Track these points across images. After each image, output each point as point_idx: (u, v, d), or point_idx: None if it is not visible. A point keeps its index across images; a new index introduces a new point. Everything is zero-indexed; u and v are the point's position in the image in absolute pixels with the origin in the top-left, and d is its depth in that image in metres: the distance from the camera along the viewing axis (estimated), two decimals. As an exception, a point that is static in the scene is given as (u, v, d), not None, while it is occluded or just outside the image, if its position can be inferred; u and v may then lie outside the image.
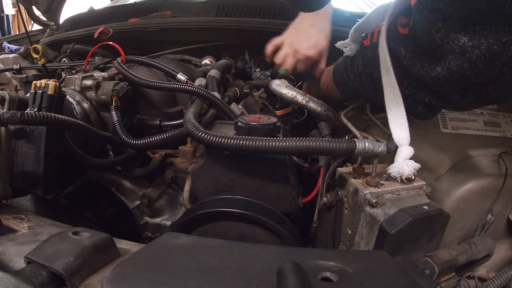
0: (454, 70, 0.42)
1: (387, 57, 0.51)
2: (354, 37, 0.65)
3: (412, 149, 0.52)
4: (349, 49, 0.66)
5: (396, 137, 0.52)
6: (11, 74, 1.17)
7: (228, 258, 0.36)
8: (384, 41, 0.52)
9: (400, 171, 0.52)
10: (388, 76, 0.51)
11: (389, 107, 0.52)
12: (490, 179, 0.62)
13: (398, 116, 0.52)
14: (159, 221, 0.79)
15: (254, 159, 0.57)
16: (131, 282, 0.32)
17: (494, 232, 0.65)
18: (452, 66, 0.42)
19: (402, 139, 0.52)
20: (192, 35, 1.02)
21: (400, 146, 0.52)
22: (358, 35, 0.64)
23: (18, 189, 0.60)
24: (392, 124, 0.52)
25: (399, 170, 0.52)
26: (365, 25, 0.61)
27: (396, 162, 0.52)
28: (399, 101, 0.51)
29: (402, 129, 0.52)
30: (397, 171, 0.52)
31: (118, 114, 0.73)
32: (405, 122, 0.52)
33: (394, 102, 0.52)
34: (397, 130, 0.52)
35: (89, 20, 1.29)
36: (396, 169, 0.52)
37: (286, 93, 0.74)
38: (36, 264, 0.35)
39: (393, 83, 0.51)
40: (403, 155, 0.52)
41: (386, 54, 0.51)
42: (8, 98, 0.57)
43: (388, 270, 0.36)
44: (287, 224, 0.58)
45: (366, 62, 0.59)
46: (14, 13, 4.78)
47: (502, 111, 0.75)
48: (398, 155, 0.53)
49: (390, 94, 0.52)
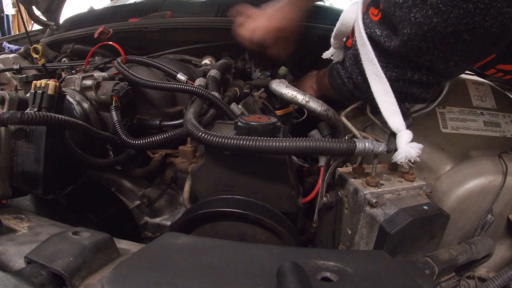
0: (422, 22, 0.45)
1: (368, 47, 0.52)
2: (335, 43, 0.65)
3: (411, 132, 0.52)
4: (336, 56, 0.67)
5: (393, 125, 0.53)
6: (11, 74, 1.17)
7: (228, 258, 0.36)
8: (362, 31, 0.53)
9: (407, 155, 0.50)
10: (372, 66, 0.52)
11: (379, 97, 0.53)
12: (490, 179, 0.62)
13: (389, 104, 0.52)
14: (159, 221, 0.79)
15: (254, 159, 0.57)
16: (131, 282, 0.32)
17: (494, 232, 0.65)
18: (418, 19, 0.45)
19: (399, 124, 0.52)
20: (192, 35, 1.02)
21: (398, 132, 0.52)
22: (339, 41, 0.64)
23: (18, 189, 0.60)
24: (385, 113, 0.53)
25: (406, 155, 0.50)
26: (343, 28, 0.61)
27: (401, 148, 0.51)
28: (387, 89, 0.52)
29: (396, 115, 0.52)
30: (404, 156, 0.51)
31: (118, 114, 0.73)
32: (397, 108, 0.52)
33: (382, 91, 0.52)
34: (392, 118, 0.52)
35: (89, 20, 1.28)
36: (403, 154, 0.51)
37: (286, 93, 0.74)
38: (36, 264, 0.35)
39: (378, 72, 0.52)
40: (404, 139, 0.52)
41: (366, 44, 0.52)
42: (8, 98, 0.57)
43: (388, 270, 0.36)
44: (287, 224, 0.58)
45: (353, 60, 0.60)
46: (14, 13, 4.79)
47: (502, 111, 0.75)
48: (400, 140, 0.52)
49: (377, 84, 0.53)
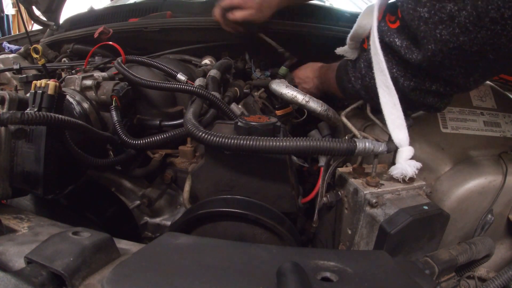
0: (448, 40, 0.43)
1: (381, 57, 0.51)
2: (351, 44, 0.64)
3: (413, 149, 0.52)
4: (350, 54, 0.66)
5: (396, 139, 0.52)
6: (11, 74, 1.17)
7: (228, 258, 0.36)
8: (376, 41, 0.51)
9: (403, 172, 0.52)
10: (383, 76, 0.51)
11: (386, 109, 0.52)
12: (490, 179, 0.62)
13: (395, 117, 0.52)
14: (159, 221, 0.79)
15: (254, 159, 0.57)
16: (131, 282, 0.32)
17: (494, 232, 0.65)
18: (444, 36, 0.43)
19: (402, 140, 0.52)
20: (192, 35, 1.02)
21: (400, 147, 0.52)
22: (355, 42, 0.64)
23: (18, 189, 0.60)
24: (390, 126, 0.52)
25: (402, 171, 0.52)
26: (360, 31, 0.61)
27: (398, 164, 0.53)
28: (395, 102, 0.51)
29: (401, 129, 0.52)
30: (400, 172, 0.52)
31: (118, 114, 0.73)
32: (403, 123, 0.52)
33: (391, 103, 0.52)
34: (396, 131, 0.52)
35: (89, 20, 1.28)
36: (399, 170, 0.52)
37: (286, 93, 0.74)
38: (36, 264, 0.35)
39: (388, 84, 0.51)
40: (404, 156, 0.52)
41: (379, 53, 0.51)
42: (8, 98, 0.57)
43: (388, 270, 0.36)
44: (287, 224, 0.58)
45: (368, 63, 0.59)
46: (14, 13, 4.79)
47: (502, 111, 0.75)
48: (400, 156, 0.53)
49: (386, 95, 0.52)
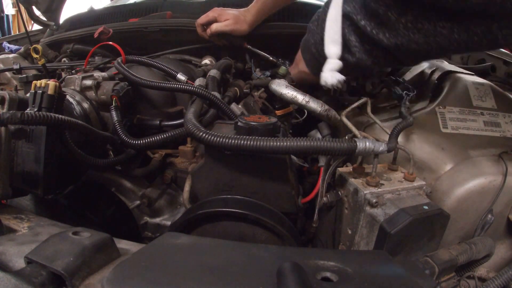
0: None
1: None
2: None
3: (341, 62, 0.58)
4: None
5: (328, 51, 0.58)
6: (11, 74, 1.17)
7: (228, 258, 0.36)
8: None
9: (326, 81, 0.57)
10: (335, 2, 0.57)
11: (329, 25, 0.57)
12: (490, 179, 0.62)
13: (334, 32, 0.57)
14: (159, 221, 0.79)
15: (254, 159, 0.57)
16: (131, 282, 0.32)
17: (494, 232, 0.65)
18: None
19: (332, 52, 0.57)
20: (192, 35, 1.02)
21: (329, 58, 0.57)
22: None
23: (18, 189, 0.60)
24: (326, 39, 0.58)
25: (324, 79, 0.57)
26: None
27: (323, 72, 0.58)
28: (338, 18, 0.56)
29: (335, 44, 0.57)
30: (323, 80, 0.58)
31: (118, 114, 0.73)
32: (339, 39, 0.57)
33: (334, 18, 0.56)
34: (330, 45, 0.57)
35: (89, 20, 1.28)
36: (323, 79, 0.58)
37: (286, 93, 0.74)
38: (36, 264, 0.35)
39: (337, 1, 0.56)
40: (329, 66, 0.57)
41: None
42: (8, 98, 0.57)
43: (388, 270, 0.36)
44: (287, 224, 0.58)
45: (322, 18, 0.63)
46: (14, 13, 4.79)
47: (502, 111, 0.75)
48: (325, 66, 0.58)
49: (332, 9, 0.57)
